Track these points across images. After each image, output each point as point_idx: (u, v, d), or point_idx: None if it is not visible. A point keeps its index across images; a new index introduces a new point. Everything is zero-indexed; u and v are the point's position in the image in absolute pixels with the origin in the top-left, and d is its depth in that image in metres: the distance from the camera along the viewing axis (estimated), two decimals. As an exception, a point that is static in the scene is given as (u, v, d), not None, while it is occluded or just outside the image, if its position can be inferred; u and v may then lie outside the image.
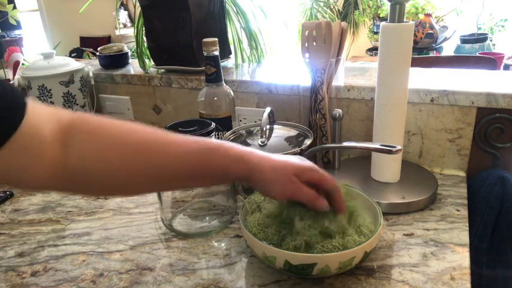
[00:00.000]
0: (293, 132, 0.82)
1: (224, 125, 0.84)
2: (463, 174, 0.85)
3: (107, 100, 1.22)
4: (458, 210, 0.72)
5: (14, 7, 1.38)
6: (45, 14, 4.68)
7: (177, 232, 0.70)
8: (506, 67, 2.52)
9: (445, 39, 2.99)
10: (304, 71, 0.86)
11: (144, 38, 1.14)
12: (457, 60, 1.93)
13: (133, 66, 1.23)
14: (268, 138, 0.79)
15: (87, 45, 4.25)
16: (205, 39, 0.80)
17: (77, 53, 4.18)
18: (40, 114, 0.45)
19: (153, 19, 1.08)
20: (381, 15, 3.32)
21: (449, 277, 0.56)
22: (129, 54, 1.28)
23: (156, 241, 0.68)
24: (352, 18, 3.51)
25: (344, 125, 0.91)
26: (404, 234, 0.66)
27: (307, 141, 0.77)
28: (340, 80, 0.87)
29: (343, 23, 0.83)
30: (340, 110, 0.82)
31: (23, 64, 1.16)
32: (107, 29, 4.34)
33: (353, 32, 3.58)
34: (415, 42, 2.85)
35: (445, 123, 0.83)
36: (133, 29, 1.19)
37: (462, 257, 0.60)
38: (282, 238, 0.56)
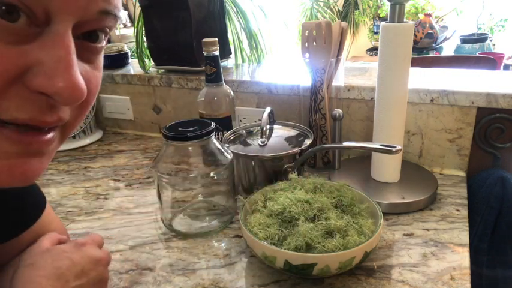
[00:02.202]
0: (293, 132, 0.82)
1: (224, 125, 0.84)
2: (463, 174, 0.85)
3: (107, 100, 1.22)
4: (458, 210, 0.72)
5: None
6: (45, 14, 4.67)
7: (177, 232, 0.70)
8: (506, 67, 2.52)
9: (445, 39, 2.99)
10: (304, 71, 0.86)
11: (144, 38, 1.14)
12: (457, 60, 1.93)
13: (133, 66, 1.23)
14: (268, 138, 0.79)
15: (87, 45, 4.24)
16: (205, 39, 0.80)
17: (77, 53, 4.18)
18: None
19: (153, 19, 1.08)
20: (381, 15, 3.32)
21: (449, 277, 0.56)
22: (129, 54, 1.28)
23: (156, 241, 0.68)
24: (352, 18, 3.50)
25: (344, 125, 0.91)
26: (404, 234, 0.66)
27: (307, 141, 0.77)
28: (340, 80, 0.87)
29: (343, 23, 0.83)
30: (340, 110, 0.82)
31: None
32: (106, 29, 4.34)
33: (353, 32, 3.58)
34: (415, 42, 2.85)
35: (445, 123, 0.83)
36: (133, 29, 1.19)
37: (462, 257, 0.60)
38: (283, 237, 0.56)
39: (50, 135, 0.29)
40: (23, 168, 0.28)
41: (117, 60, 1.24)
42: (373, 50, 3.41)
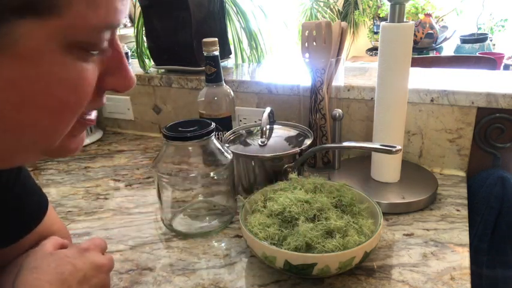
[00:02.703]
0: (293, 132, 0.82)
1: (224, 125, 0.84)
2: (463, 174, 0.85)
3: (107, 100, 1.20)
4: (458, 210, 0.72)
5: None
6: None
7: (177, 232, 0.70)
8: (506, 67, 2.52)
9: (445, 39, 2.99)
10: (304, 71, 0.86)
11: (144, 38, 1.14)
12: (457, 60, 1.93)
13: (133, 66, 1.23)
14: (268, 138, 0.79)
15: (87, 45, 4.23)
16: (205, 39, 0.80)
17: (77, 53, 4.17)
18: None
19: (153, 19, 1.08)
20: (381, 15, 3.32)
21: (449, 277, 0.56)
22: (129, 54, 1.28)
23: (156, 241, 0.68)
24: (352, 18, 3.50)
25: (344, 125, 0.91)
26: (404, 234, 0.66)
27: (307, 141, 0.77)
28: (340, 80, 0.87)
29: (343, 23, 0.83)
30: (340, 110, 0.82)
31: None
32: (106, 29, 4.34)
33: (353, 32, 3.58)
34: (415, 42, 2.85)
35: (445, 123, 0.83)
36: (133, 29, 1.19)
37: (462, 257, 0.60)
38: (283, 237, 0.56)
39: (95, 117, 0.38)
40: (83, 139, 0.38)
41: (117, 60, 1.23)
42: (373, 50, 3.41)
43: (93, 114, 0.38)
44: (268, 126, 0.80)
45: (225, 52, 1.14)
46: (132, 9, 1.20)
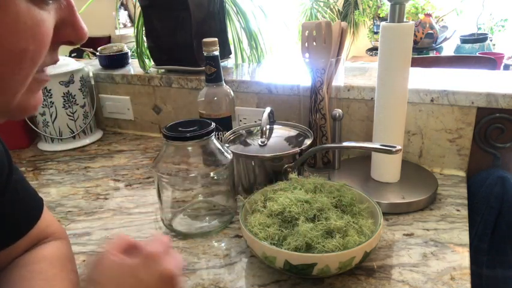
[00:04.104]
0: (293, 132, 0.82)
1: (224, 125, 0.84)
2: (463, 174, 0.85)
3: (107, 100, 1.22)
4: (458, 210, 0.72)
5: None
6: (45, 14, 4.66)
7: (177, 232, 0.70)
8: (506, 67, 2.52)
9: (445, 39, 2.99)
10: (304, 71, 0.86)
11: (144, 38, 1.14)
12: (457, 60, 1.93)
13: (133, 66, 1.23)
14: (268, 138, 0.79)
15: (87, 45, 4.23)
16: (205, 39, 0.80)
17: (77, 53, 4.17)
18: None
19: (153, 19, 1.08)
20: (381, 15, 3.32)
21: (449, 277, 0.56)
22: (129, 54, 1.28)
23: (156, 241, 0.68)
24: (352, 18, 3.50)
25: (344, 125, 0.91)
26: (404, 234, 0.66)
27: (307, 141, 0.77)
28: (340, 80, 0.87)
29: (343, 23, 0.83)
30: (340, 110, 0.82)
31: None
32: (106, 29, 4.33)
33: (353, 32, 3.58)
34: (415, 42, 2.85)
35: (445, 123, 0.83)
36: (133, 29, 1.19)
37: (462, 257, 0.60)
38: (283, 237, 0.56)
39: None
40: (41, 98, 0.37)
41: (117, 60, 1.24)
42: (373, 50, 3.41)
43: (47, 71, 0.37)
44: (268, 126, 0.80)
45: (225, 52, 1.14)
46: (132, 9, 1.20)
